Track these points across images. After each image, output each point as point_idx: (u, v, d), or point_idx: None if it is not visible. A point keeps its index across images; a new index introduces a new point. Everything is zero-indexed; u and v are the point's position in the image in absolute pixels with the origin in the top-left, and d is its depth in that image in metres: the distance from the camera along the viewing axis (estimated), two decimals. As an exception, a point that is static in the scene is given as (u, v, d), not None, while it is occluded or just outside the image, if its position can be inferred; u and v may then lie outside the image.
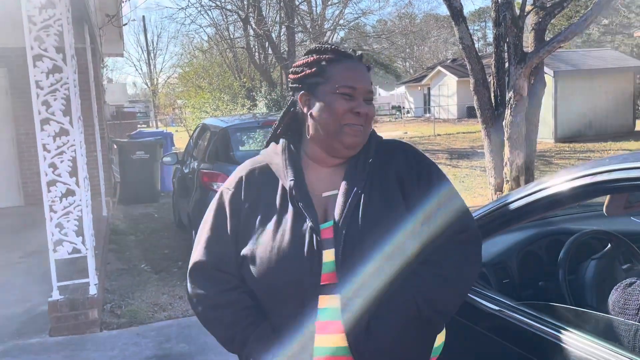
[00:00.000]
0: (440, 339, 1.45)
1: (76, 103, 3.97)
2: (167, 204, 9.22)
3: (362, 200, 1.34)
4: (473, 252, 1.42)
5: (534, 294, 1.93)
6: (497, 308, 1.74)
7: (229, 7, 17.26)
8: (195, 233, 5.78)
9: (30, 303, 4.56)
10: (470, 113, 32.10)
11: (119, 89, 28.02)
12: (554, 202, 1.66)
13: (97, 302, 4.14)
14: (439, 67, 33.75)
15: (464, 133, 22.22)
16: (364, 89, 1.38)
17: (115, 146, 9.85)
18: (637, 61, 18.99)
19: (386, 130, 22.27)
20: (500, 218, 1.81)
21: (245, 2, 16.23)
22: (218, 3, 16.99)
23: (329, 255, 1.32)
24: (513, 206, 1.76)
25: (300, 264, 1.30)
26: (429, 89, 34.97)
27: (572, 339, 1.47)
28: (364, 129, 1.39)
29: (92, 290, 4.12)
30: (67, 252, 4.04)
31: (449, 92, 32.81)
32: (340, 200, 1.36)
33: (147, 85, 45.36)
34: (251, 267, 1.35)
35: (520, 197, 1.73)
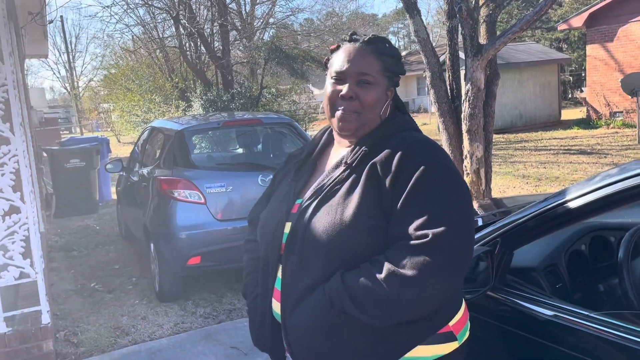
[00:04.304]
0: (423, 350, 1.30)
1: (17, 107, 3.46)
2: (108, 214, 8.59)
3: (328, 187, 1.34)
4: (428, 260, 1.19)
5: (598, 299, 1.76)
6: (569, 317, 1.55)
7: (157, 4, 16.45)
8: (154, 245, 5.22)
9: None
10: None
11: (36, 94, 26.07)
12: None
13: (51, 332, 3.66)
14: (370, 64, 34.13)
15: (400, 128, 22.49)
16: (352, 70, 1.36)
17: (45, 154, 9.06)
18: (561, 54, 19.94)
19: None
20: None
21: (175, 0, 15.52)
22: (145, 0, 16.14)
23: (288, 228, 1.39)
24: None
25: (271, 231, 1.42)
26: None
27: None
28: (355, 114, 1.36)
29: (45, 319, 3.62)
30: (14, 278, 3.53)
31: (381, 88, 33.24)
32: (317, 181, 1.41)
33: (66, 89, 42.83)
34: None
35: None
